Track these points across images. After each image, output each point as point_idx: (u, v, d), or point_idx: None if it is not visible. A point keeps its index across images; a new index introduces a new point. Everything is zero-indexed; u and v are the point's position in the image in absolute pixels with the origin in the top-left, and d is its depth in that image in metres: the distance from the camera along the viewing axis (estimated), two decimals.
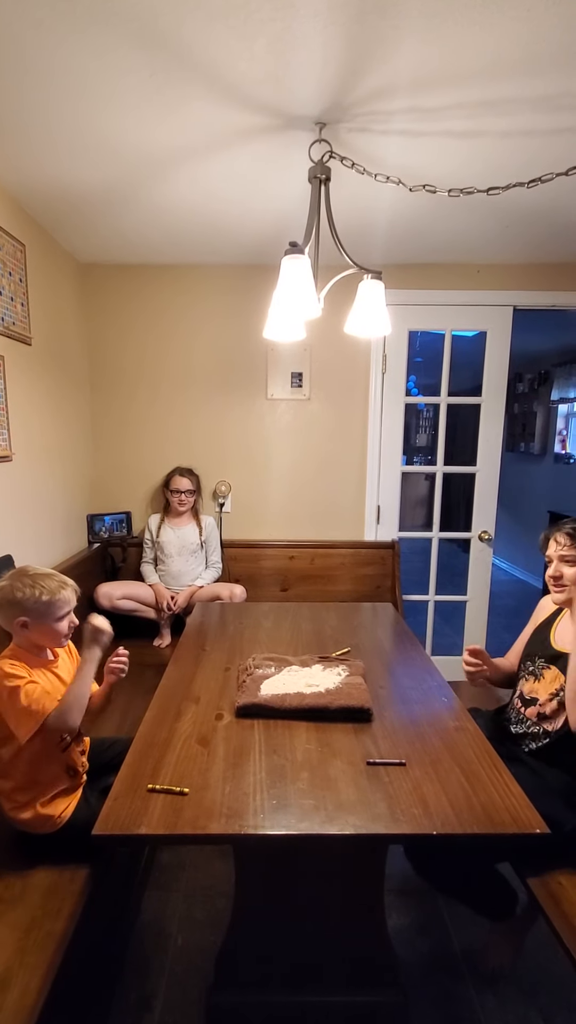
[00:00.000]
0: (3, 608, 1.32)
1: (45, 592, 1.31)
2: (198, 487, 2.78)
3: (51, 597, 1.31)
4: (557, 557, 1.48)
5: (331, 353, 2.84)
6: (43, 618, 1.32)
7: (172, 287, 2.79)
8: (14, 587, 1.31)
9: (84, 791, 1.41)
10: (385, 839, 1.01)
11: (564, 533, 1.46)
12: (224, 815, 1.02)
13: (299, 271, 1.41)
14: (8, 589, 1.31)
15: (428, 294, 2.77)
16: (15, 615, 1.31)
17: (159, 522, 2.75)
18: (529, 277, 2.74)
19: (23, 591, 1.30)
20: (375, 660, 1.74)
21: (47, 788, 1.33)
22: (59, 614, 1.34)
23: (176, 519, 2.75)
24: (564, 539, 1.46)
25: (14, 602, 1.30)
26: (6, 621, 1.33)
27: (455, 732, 1.33)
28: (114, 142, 1.66)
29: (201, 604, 2.35)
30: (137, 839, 0.98)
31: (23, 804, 1.31)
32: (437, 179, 1.77)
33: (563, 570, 1.46)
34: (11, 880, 1.25)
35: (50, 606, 1.31)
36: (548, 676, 1.49)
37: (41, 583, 1.32)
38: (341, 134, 1.60)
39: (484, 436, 2.93)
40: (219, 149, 1.69)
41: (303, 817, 1.03)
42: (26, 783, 1.31)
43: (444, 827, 1.01)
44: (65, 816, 1.34)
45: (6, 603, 1.31)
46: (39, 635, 1.35)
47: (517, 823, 1.02)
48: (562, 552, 1.46)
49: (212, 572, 2.73)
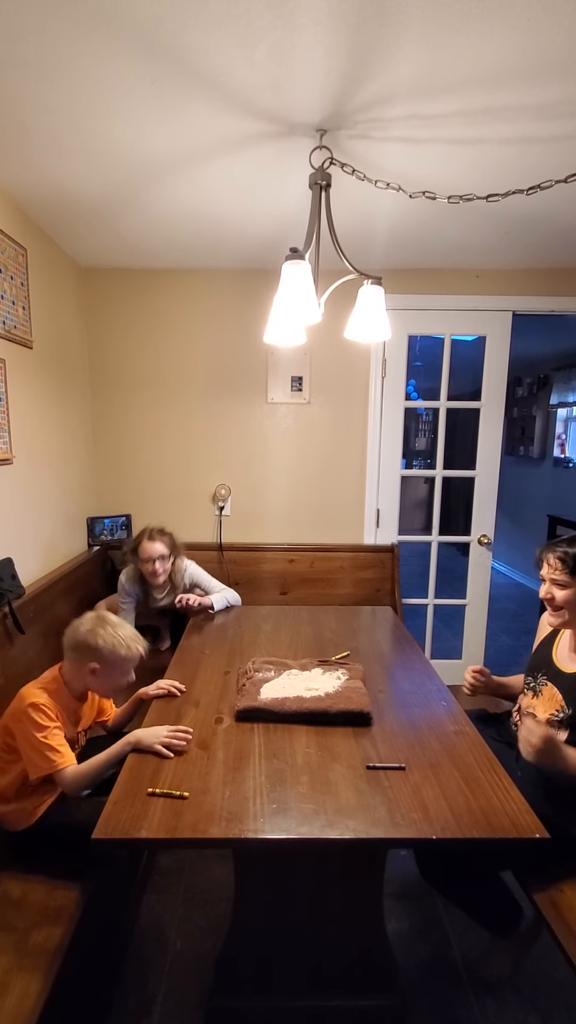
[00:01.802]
0: (80, 650, 1.36)
1: (123, 646, 1.35)
2: (174, 544, 2.30)
3: (127, 652, 1.36)
4: (549, 579, 1.46)
5: (331, 357, 2.85)
6: (113, 670, 1.36)
7: (173, 291, 2.80)
8: (96, 634, 1.35)
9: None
10: (385, 843, 1.02)
11: (556, 556, 1.43)
12: (224, 819, 1.03)
13: (300, 277, 1.42)
14: (91, 635, 1.35)
15: (428, 299, 2.78)
16: (88, 660, 1.35)
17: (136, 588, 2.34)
18: (528, 282, 2.75)
19: (104, 639, 1.34)
20: (374, 664, 1.74)
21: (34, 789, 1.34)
22: (127, 668, 1.38)
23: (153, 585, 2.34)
24: (555, 562, 1.43)
25: (93, 648, 1.34)
26: (76, 662, 1.37)
27: (455, 736, 1.33)
28: (115, 148, 1.67)
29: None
30: (137, 843, 0.99)
31: (6, 799, 1.33)
32: (437, 186, 1.79)
33: (555, 592, 1.44)
34: (10, 884, 1.25)
35: (124, 661, 1.36)
36: (547, 693, 1.49)
37: (120, 635, 1.36)
38: (341, 141, 1.61)
39: (483, 440, 2.94)
40: (220, 155, 1.70)
41: (303, 821, 1.03)
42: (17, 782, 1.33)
43: (444, 832, 1.01)
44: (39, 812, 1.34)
45: (85, 647, 1.35)
46: (99, 683, 1.39)
47: (517, 828, 1.02)
48: (553, 576, 1.43)
49: (224, 594, 2.37)
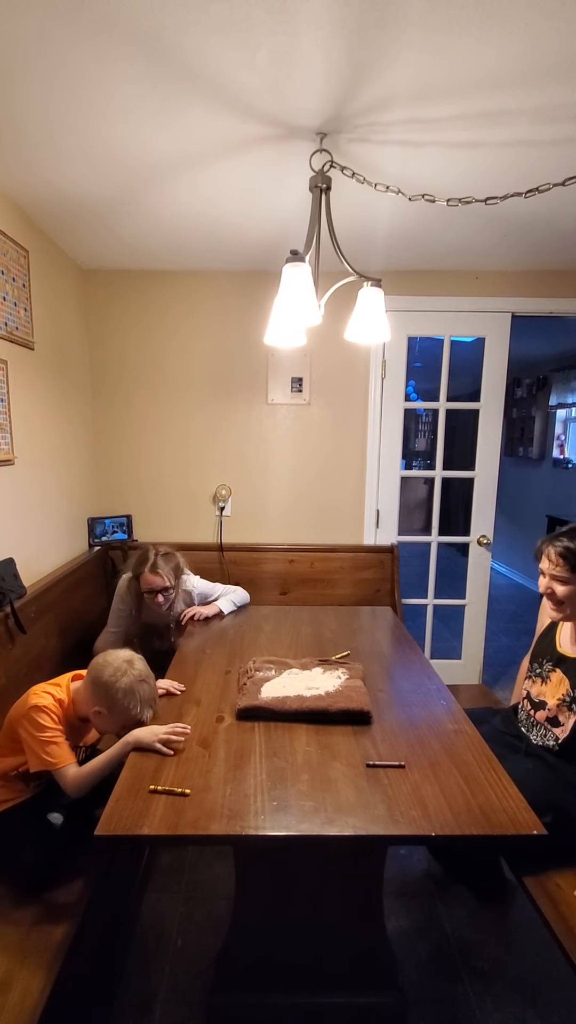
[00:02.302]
0: (97, 685, 1.33)
1: (135, 710, 1.33)
2: (178, 569, 2.12)
3: (136, 715, 1.34)
4: (549, 575, 1.47)
5: (331, 358, 2.86)
6: (114, 719, 1.35)
7: (173, 293, 2.81)
8: (120, 684, 1.32)
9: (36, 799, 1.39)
10: (384, 840, 1.02)
11: (556, 552, 1.43)
12: (226, 816, 1.04)
13: (300, 279, 1.43)
14: (112, 681, 1.32)
15: (427, 300, 2.79)
16: (98, 701, 1.34)
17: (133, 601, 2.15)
18: (527, 284, 2.77)
19: (121, 692, 1.32)
20: (374, 663, 1.75)
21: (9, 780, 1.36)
22: (128, 724, 1.35)
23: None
24: (555, 557, 1.44)
25: (110, 695, 1.32)
26: (90, 694, 1.35)
27: (454, 735, 1.34)
28: (116, 151, 1.68)
29: None
30: (139, 839, 1.00)
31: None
32: (436, 189, 1.80)
33: (555, 587, 1.45)
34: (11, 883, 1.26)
35: (129, 719, 1.34)
36: (554, 679, 1.50)
37: (139, 694, 1.34)
38: (341, 144, 1.62)
39: (483, 441, 2.95)
40: (220, 158, 1.71)
41: (303, 818, 1.04)
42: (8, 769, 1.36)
43: (443, 829, 1.02)
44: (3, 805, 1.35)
45: (104, 688, 1.33)
46: (99, 723, 1.39)
47: (515, 825, 1.03)
48: (554, 572, 1.44)
49: (231, 595, 2.36)
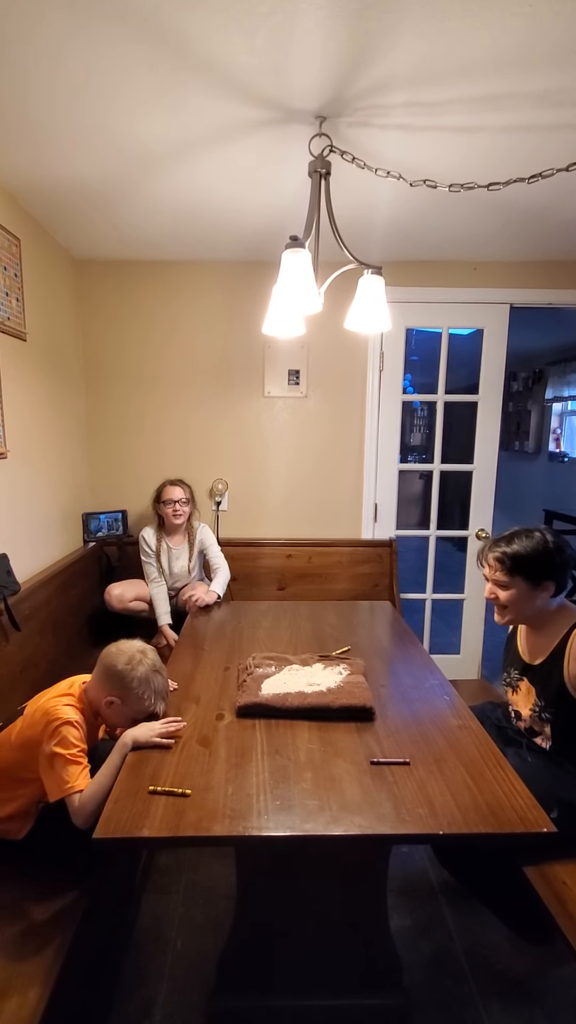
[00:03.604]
0: (110, 675, 1.31)
1: (149, 701, 1.31)
2: (192, 497, 2.59)
3: (150, 707, 1.31)
4: (491, 580, 1.45)
5: (328, 351, 2.82)
6: (127, 711, 1.32)
7: (169, 284, 2.77)
8: (135, 673, 1.29)
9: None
10: (391, 839, 1.00)
11: (494, 557, 1.41)
12: (228, 817, 1.01)
13: (300, 265, 1.39)
14: (128, 671, 1.29)
15: (426, 291, 2.76)
16: (112, 691, 1.30)
17: (156, 540, 2.54)
18: (526, 275, 2.74)
19: (136, 681, 1.29)
20: (375, 658, 1.72)
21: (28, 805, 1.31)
22: (141, 716, 1.33)
23: (171, 536, 2.57)
24: (493, 563, 1.42)
25: (125, 683, 1.29)
26: (101, 685, 1.32)
27: (458, 730, 1.32)
28: (112, 135, 1.64)
29: None
30: (140, 842, 0.97)
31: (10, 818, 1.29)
32: (437, 174, 1.76)
33: (498, 593, 1.43)
34: (8, 887, 1.23)
35: (141, 711, 1.31)
36: (523, 688, 1.49)
37: (154, 682, 1.31)
38: (341, 128, 1.59)
39: (481, 434, 2.92)
40: (218, 143, 1.67)
41: (307, 818, 1.01)
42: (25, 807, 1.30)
43: (450, 827, 1.00)
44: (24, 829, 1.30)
45: (118, 677, 1.30)
46: (109, 714, 1.34)
47: (524, 822, 1.01)
48: (495, 577, 1.42)
49: (223, 575, 2.53)
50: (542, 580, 1.38)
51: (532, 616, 1.45)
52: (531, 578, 1.38)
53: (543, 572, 1.38)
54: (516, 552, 1.38)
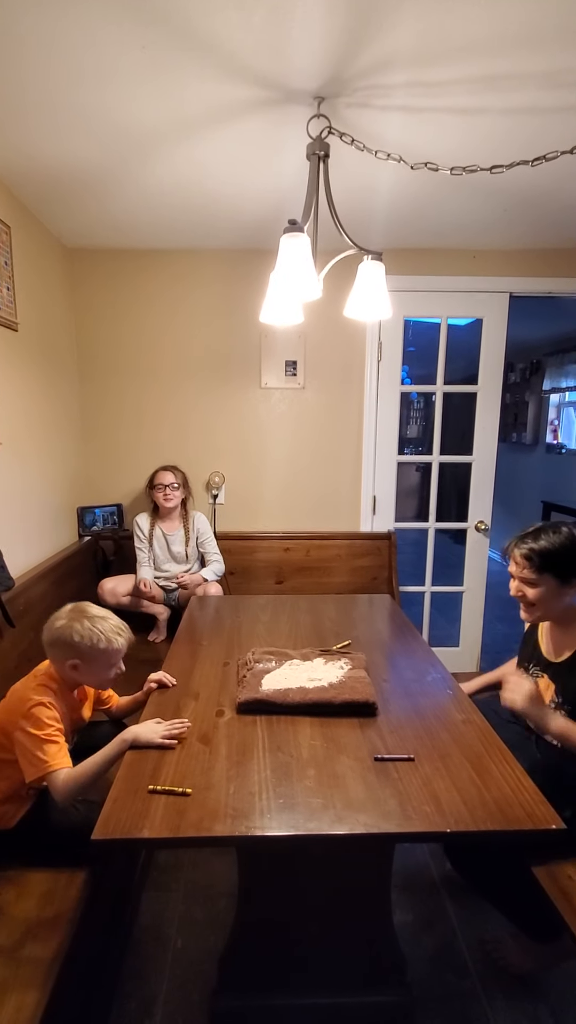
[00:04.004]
0: (57, 647, 1.31)
1: (103, 639, 1.30)
2: (185, 482, 2.63)
3: (108, 645, 1.30)
4: (518, 578, 1.43)
5: (326, 341, 2.78)
6: (94, 664, 1.31)
7: (163, 273, 2.71)
8: (72, 629, 1.29)
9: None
10: (397, 838, 0.98)
11: (521, 554, 1.40)
12: (230, 816, 0.98)
13: (298, 250, 1.35)
14: (66, 630, 1.30)
15: (424, 280, 2.72)
16: (68, 656, 1.30)
17: (149, 524, 2.60)
18: (526, 263, 2.70)
19: (80, 634, 1.29)
20: (376, 652, 1.70)
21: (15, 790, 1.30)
22: (111, 662, 1.33)
23: (165, 521, 2.61)
24: (521, 560, 1.40)
25: (70, 644, 1.29)
26: (57, 660, 1.32)
27: (463, 725, 1.29)
28: (103, 117, 1.59)
29: (194, 599, 2.30)
30: (140, 843, 0.94)
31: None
32: (438, 157, 1.71)
33: (525, 590, 1.41)
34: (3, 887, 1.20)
35: (105, 654, 1.31)
36: (541, 684, 1.47)
37: (99, 628, 1.31)
38: (340, 109, 1.54)
39: (480, 425, 2.90)
40: (214, 125, 1.62)
41: (311, 816, 0.98)
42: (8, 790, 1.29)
43: (458, 824, 0.97)
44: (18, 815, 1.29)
45: (61, 643, 1.30)
46: (85, 677, 1.34)
47: (532, 819, 0.99)
48: (522, 575, 1.41)
49: (216, 566, 2.61)
50: (571, 577, 1.37)
51: (560, 613, 1.43)
52: (560, 575, 1.37)
53: (572, 568, 1.36)
54: (544, 548, 1.37)
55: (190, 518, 2.64)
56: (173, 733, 1.19)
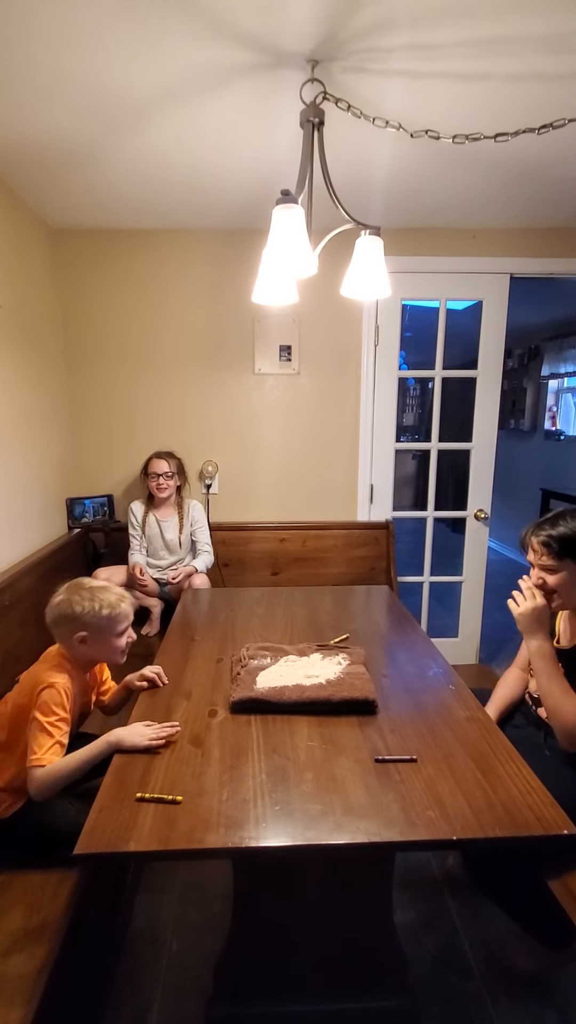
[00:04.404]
0: (62, 623, 1.29)
1: (105, 606, 1.28)
2: (180, 470, 2.58)
3: (111, 611, 1.29)
4: (537, 565, 1.40)
5: (321, 325, 2.70)
6: (103, 633, 1.29)
7: (152, 254, 2.62)
8: (72, 601, 1.27)
9: None
10: (401, 847, 0.92)
11: (539, 541, 1.37)
12: (223, 825, 0.92)
13: (292, 222, 1.27)
14: (66, 604, 1.28)
15: (422, 261, 2.63)
16: (74, 630, 1.28)
17: (143, 512, 2.57)
18: (526, 242, 2.62)
19: (82, 605, 1.27)
20: (375, 646, 1.64)
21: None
22: (119, 629, 1.31)
23: (159, 509, 2.59)
24: (539, 547, 1.37)
25: (73, 617, 1.27)
26: (64, 637, 1.30)
27: (466, 723, 1.24)
28: (83, 85, 1.49)
29: (187, 592, 2.23)
30: (127, 857, 0.88)
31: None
32: (439, 125, 1.62)
33: (545, 578, 1.38)
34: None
35: (110, 621, 1.29)
36: None
37: (100, 596, 1.29)
38: (335, 74, 1.45)
39: (480, 411, 2.82)
40: (201, 92, 1.53)
41: (310, 824, 0.93)
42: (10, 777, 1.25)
43: (464, 831, 0.92)
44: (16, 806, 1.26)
45: (64, 618, 1.28)
46: (97, 650, 1.32)
47: (542, 823, 0.94)
48: (541, 562, 1.38)
49: (204, 557, 2.57)
50: None
51: None
52: None
53: None
54: (564, 534, 1.33)
55: (185, 506, 2.60)
56: (162, 735, 1.13)
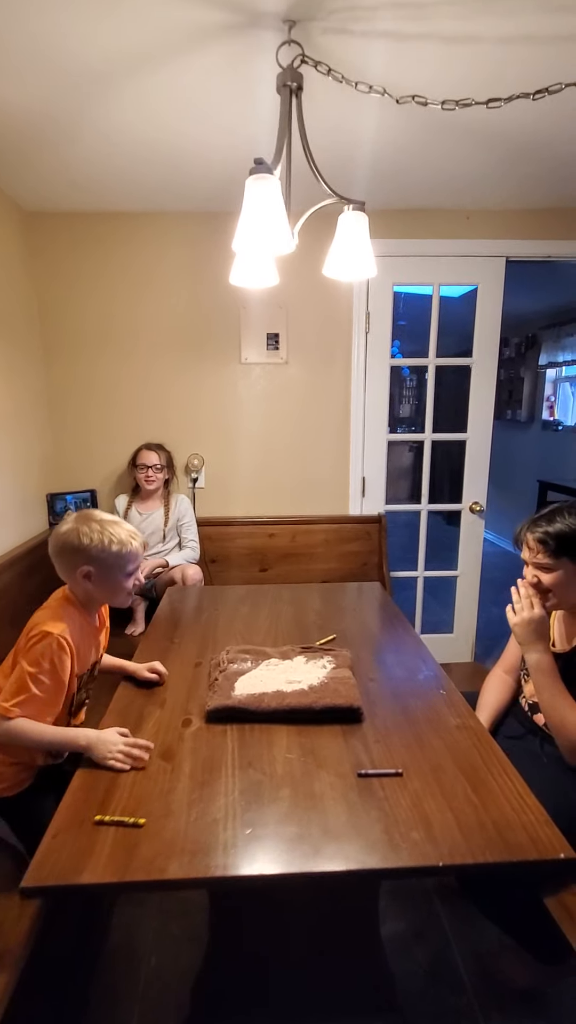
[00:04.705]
0: (65, 554, 1.17)
1: (115, 542, 1.17)
2: (169, 463, 2.55)
3: (121, 548, 1.17)
4: (531, 563, 1.33)
5: (309, 312, 2.60)
6: (110, 571, 1.18)
7: (132, 238, 2.51)
8: (80, 532, 1.16)
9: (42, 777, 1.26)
10: (383, 875, 0.85)
11: (535, 538, 1.30)
12: (188, 852, 0.84)
13: (267, 195, 1.18)
14: (73, 534, 1.16)
15: (414, 244, 2.53)
16: (79, 563, 1.16)
17: (126, 505, 2.54)
18: (523, 224, 2.52)
19: (90, 537, 1.15)
20: (363, 647, 1.56)
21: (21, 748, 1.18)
22: (128, 568, 1.20)
23: (144, 502, 2.52)
24: (535, 544, 1.30)
25: (79, 548, 1.15)
26: (67, 570, 1.19)
27: (457, 731, 1.16)
28: (43, 49, 1.39)
29: (171, 589, 2.15)
30: (78, 891, 0.80)
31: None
32: (427, 92, 1.51)
33: (540, 576, 1.31)
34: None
35: (119, 558, 1.18)
36: None
37: (110, 530, 1.17)
38: (314, 36, 1.35)
39: (475, 400, 2.74)
40: (170, 56, 1.42)
41: (284, 849, 0.85)
42: None
43: (452, 855, 0.84)
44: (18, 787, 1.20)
45: (70, 549, 1.16)
46: (101, 590, 1.21)
47: (537, 846, 0.86)
48: (536, 560, 1.31)
49: (188, 552, 2.51)
50: None
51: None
52: None
53: None
54: (560, 531, 1.26)
55: (172, 500, 2.55)
56: (133, 755, 1.05)
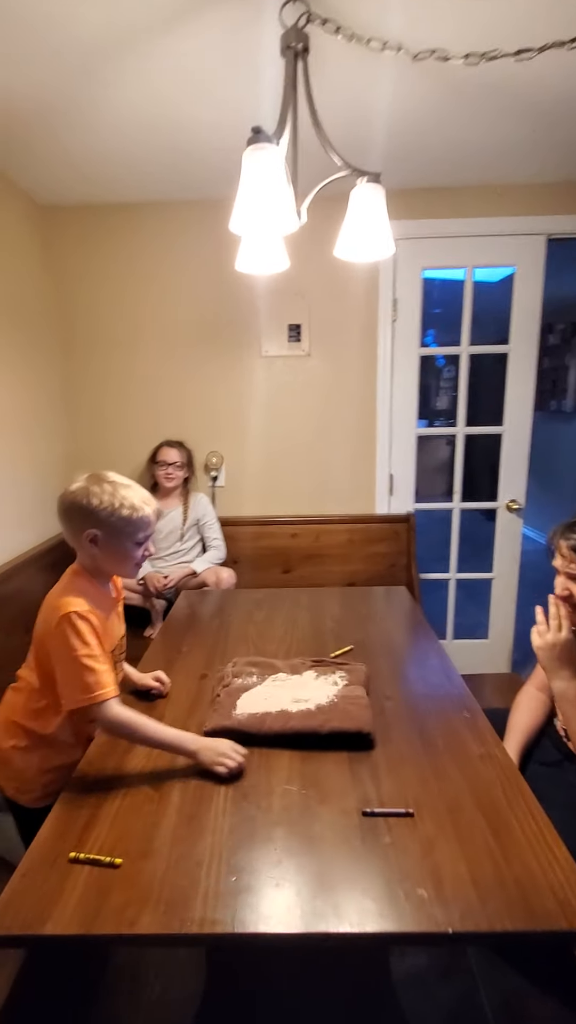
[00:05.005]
0: (71, 515, 1.09)
1: (126, 506, 1.08)
2: (189, 461, 2.49)
3: (132, 513, 1.09)
4: (564, 573, 1.21)
5: (332, 301, 2.47)
6: (118, 537, 1.09)
7: (147, 230, 2.44)
8: (90, 492, 1.07)
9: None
10: (378, 940, 0.74)
11: (569, 547, 1.18)
12: (164, 901, 0.76)
13: (268, 166, 1.07)
14: (82, 493, 1.08)
15: (442, 224, 2.37)
16: (85, 526, 1.08)
17: None
18: (564, 198, 2.31)
19: (100, 498, 1.07)
20: (382, 661, 1.45)
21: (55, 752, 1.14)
22: (138, 536, 1.11)
23: (162, 500, 2.45)
24: (569, 553, 1.18)
25: (87, 510, 1.07)
26: (73, 532, 1.10)
27: (479, 762, 1.04)
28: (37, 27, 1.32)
29: (186, 592, 2.08)
30: (39, 941, 0.72)
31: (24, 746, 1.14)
32: (448, 47, 1.37)
33: (572, 588, 1.19)
34: None
35: (129, 524, 1.09)
36: None
37: (122, 493, 1.09)
38: None
39: (513, 391, 2.55)
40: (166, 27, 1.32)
41: (272, 903, 0.75)
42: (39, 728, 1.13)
43: (464, 920, 0.73)
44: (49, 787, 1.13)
45: (77, 510, 1.08)
46: (107, 557, 1.12)
47: (566, 913, 0.73)
48: (568, 569, 1.19)
49: (214, 553, 2.45)
50: None
51: None
52: None
53: None
54: None
55: (191, 498, 2.48)
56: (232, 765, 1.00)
